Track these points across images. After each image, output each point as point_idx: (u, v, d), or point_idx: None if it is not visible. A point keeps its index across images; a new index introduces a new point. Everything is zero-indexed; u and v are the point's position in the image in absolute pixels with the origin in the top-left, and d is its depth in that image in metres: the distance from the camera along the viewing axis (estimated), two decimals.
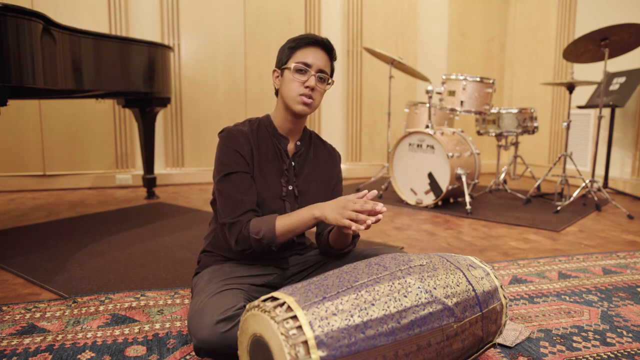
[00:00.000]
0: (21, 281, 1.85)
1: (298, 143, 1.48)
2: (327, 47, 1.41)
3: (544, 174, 3.61)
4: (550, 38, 4.78)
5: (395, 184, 3.55)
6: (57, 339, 1.36)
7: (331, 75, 1.43)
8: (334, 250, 1.46)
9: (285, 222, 1.30)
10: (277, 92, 1.45)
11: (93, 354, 1.28)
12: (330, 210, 1.23)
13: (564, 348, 1.34)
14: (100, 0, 3.85)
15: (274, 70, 1.44)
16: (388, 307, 0.96)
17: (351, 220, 1.18)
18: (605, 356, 1.30)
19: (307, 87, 1.36)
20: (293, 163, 1.46)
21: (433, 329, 1.00)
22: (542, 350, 1.33)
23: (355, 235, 1.46)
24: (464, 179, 3.23)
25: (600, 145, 4.07)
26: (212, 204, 1.50)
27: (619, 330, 1.46)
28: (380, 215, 1.18)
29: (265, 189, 1.40)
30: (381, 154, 4.92)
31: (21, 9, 1.87)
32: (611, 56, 3.21)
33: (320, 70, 1.38)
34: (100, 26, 3.83)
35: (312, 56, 1.37)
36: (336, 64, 1.47)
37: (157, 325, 1.46)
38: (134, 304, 1.61)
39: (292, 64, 1.37)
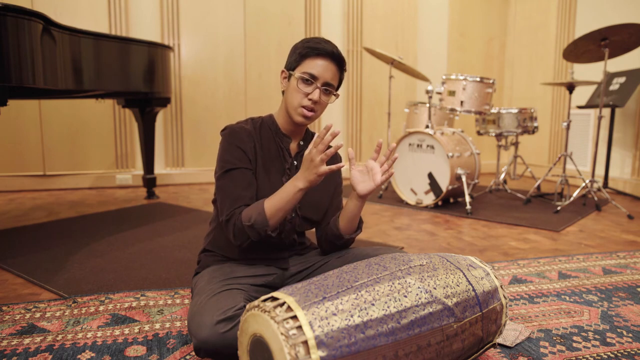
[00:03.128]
0: (21, 281, 1.85)
1: (301, 143, 1.48)
2: (338, 59, 1.36)
3: (544, 174, 3.61)
4: (550, 38, 4.78)
5: (395, 184, 3.55)
6: (57, 339, 1.36)
7: (339, 86, 1.41)
8: (341, 239, 1.45)
9: (273, 202, 1.29)
10: (283, 92, 1.45)
11: (93, 354, 1.28)
12: (309, 175, 1.24)
13: (564, 348, 1.34)
14: (100, 0, 3.85)
15: (283, 71, 1.41)
16: (388, 307, 0.96)
17: (325, 165, 1.22)
18: (605, 356, 1.30)
19: (310, 99, 1.34)
20: (295, 162, 1.46)
21: (433, 329, 1.00)
22: (542, 350, 1.33)
23: (360, 220, 1.47)
24: (464, 179, 3.23)
25: (600, 145, 4.07)
26: (214, 202, 1.50)
27: (619, 330, 1.46)
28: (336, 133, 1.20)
29: (268, 187, 1.40)
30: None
31: (21, 9, 1.87)
32: (611, 56, 3.21)
33: (327, 84, 1.35)
34: (100, 26, 3.83)
35: (321, 68, 1.34)
36: None
37: (157, 325, 1.46)
38: (134, 304, 1.61)
39: (298, 73, 1.34)
